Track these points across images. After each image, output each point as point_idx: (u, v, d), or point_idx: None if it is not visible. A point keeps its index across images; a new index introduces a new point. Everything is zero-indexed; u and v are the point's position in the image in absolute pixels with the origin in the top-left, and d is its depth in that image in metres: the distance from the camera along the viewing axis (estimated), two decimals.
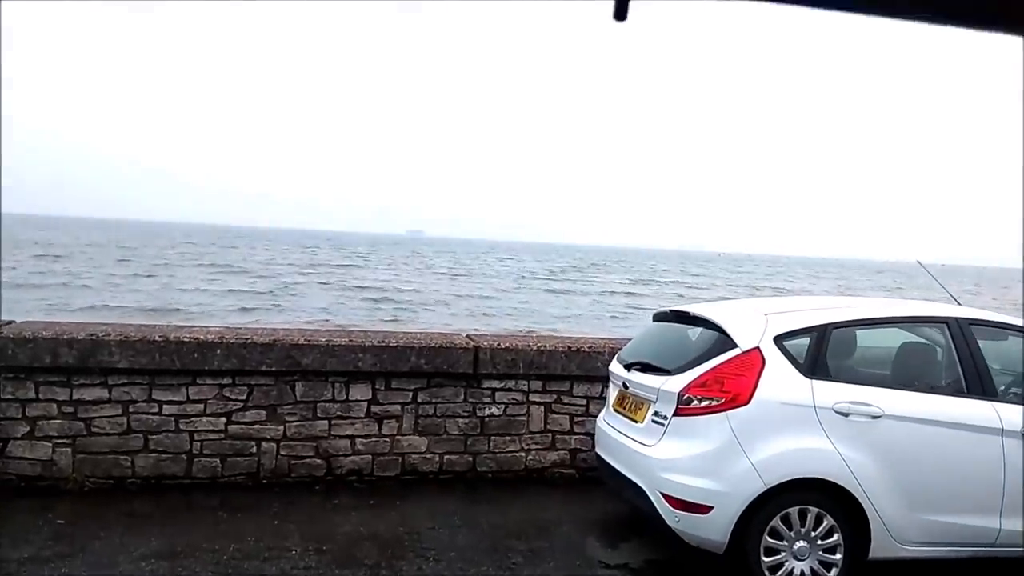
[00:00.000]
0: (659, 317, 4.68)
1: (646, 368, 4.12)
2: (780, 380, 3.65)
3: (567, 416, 5.62)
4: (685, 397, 3.71)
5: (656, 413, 3.86)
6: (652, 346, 4.46)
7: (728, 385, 3.64)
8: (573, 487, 5.49)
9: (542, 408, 5.58)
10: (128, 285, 27.76)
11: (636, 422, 4.04)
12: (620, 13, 0.63)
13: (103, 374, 4.88)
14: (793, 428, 3.60)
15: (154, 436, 4.97)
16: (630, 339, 5.96)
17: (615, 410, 4.37)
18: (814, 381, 3.67)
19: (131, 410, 4.94)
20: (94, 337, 4.84)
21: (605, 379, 5.56)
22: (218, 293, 27.12)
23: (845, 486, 3.58)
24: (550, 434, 5.60)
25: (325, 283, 33.86)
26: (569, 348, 5.55)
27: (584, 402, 5.63)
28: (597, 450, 4.56)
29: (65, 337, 4.79)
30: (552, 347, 5.53)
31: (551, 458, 5.60)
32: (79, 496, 4.79)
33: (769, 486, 3.53)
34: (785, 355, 3.71)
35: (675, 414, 3.74)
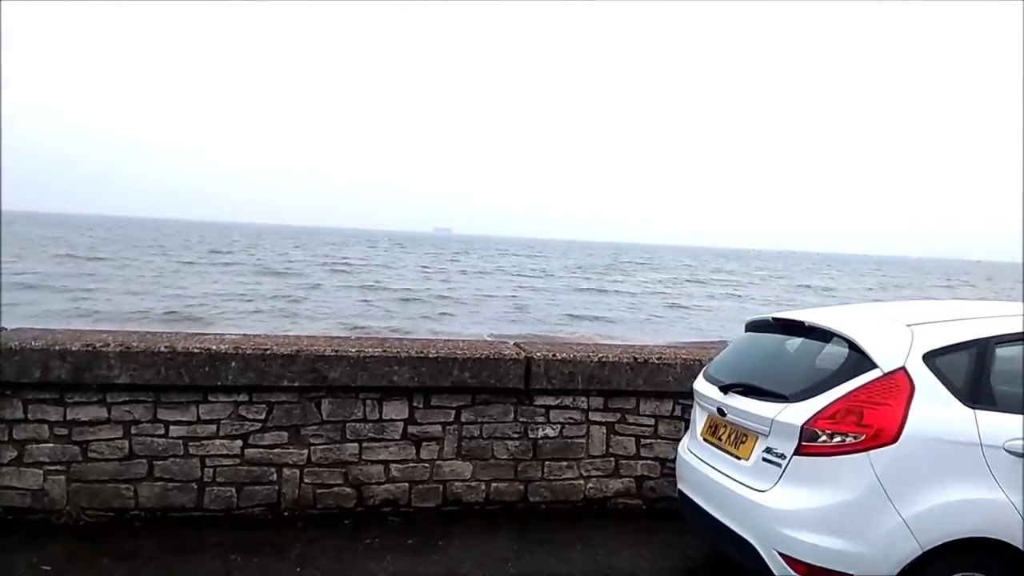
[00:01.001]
0: (755, 326, 3.88)
1: (750, 391, 3.34)
2: (935, 410, 2.85)
3: (632, 438, 4.85)
4: (810, 431, 2.92)
5: (769, 450, 3.08)
6: (752, 362, 3.68)
7: (868, 417, 2.85)
8: (640, 521, 4.72)
9: (603, 429, 4.82)
10: (151, 286, 27.22)
11: (739, 458, 3.25)
12: None
13: (101, 391, 4.23)
14: (954, 473, 2.80)
15: (160, 462, 4.31)
16: (703, 346, 5.17)
17: (705, 440, 3.59)
18: (977, 411, 2.87)
19: (133, 432, 4.28)
20: (91, 348, 4.18)
21: (676, 396, 4.81)
22: (243, 296, 26.41)
23: (1023, 549, 2.77)
24: (613, 459, 4.84)
25: (347, 284, 32.94)
26: (635, 359, 4.77)
27: (652, 422, 4.86)
28: (680, 486, 3.79)
29: (57, 348, 4.15)
30: (615, 358, 4.77)
31: (614, 487, 4.84)
32: (73, 532, 4.14)
33: (926, 548, 2.74)
34: (939, 377, 2.91)
35: (796, 452, 2.95)
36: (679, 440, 4.83)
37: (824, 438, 2.90)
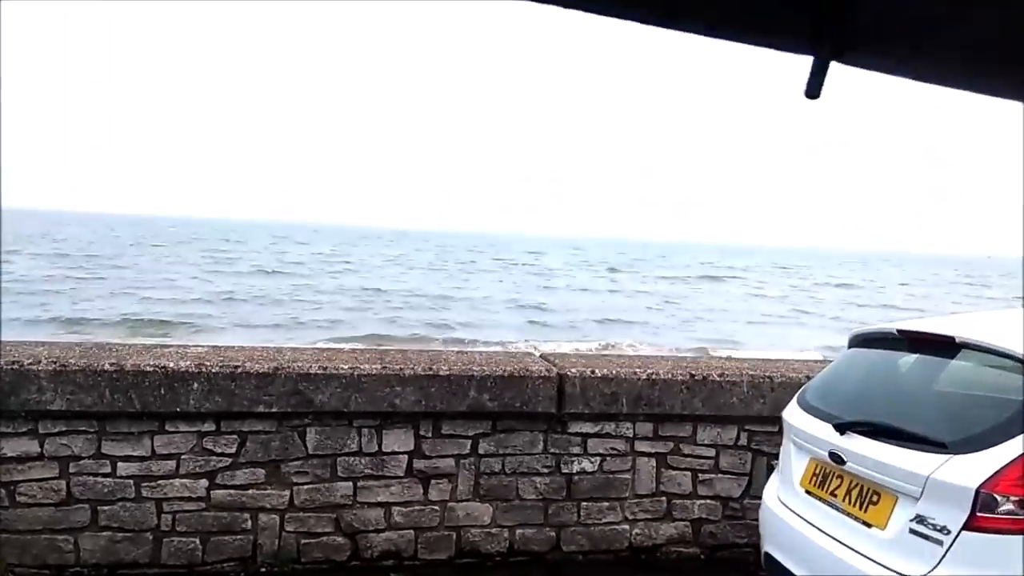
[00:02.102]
0: (867, 340, 2.98)
1: (880, 432, 2.45)
2: None
3: (688, 473, 3.98)
4: (988, 497, 2.05)
5: (921, 519, 2.20)
6: (873, 391, 2.79)
7: None
8: (698, 574, 3.86)
9: (653, 461, 3.95)
10: (137, 288, 25.68)
11: (868, 525, 2.38)
12: (813, 91, 0.61)
13: (32, 419, 3.39)
14: None
15: (106, 507, 3.47)
16: (776, 362, 4.29)
17: (809, 492, 2.71)
18: None
19: (72, 470, 3.44)
20: (17, 366, 3.33)
21: (741, 421, 3.95)
22: (233, 297, 24.78)
23: None
24: (664, 498, 3.97)
25: (347, 286, 30.84)
26: (691, 376, 3.90)
27: (712, 453, 3.99)
28: (768, 549, 2.92)
29: None
30: (667, 374, 3.89)
31: (666, 532, 3.97)
32: None
33: None
34: None
35: (968, 526, 2.07)
36: (744, 475, 3.98)
37: (1010, 507, 2.02)
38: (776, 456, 3.97)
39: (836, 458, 2.55)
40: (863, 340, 2.98)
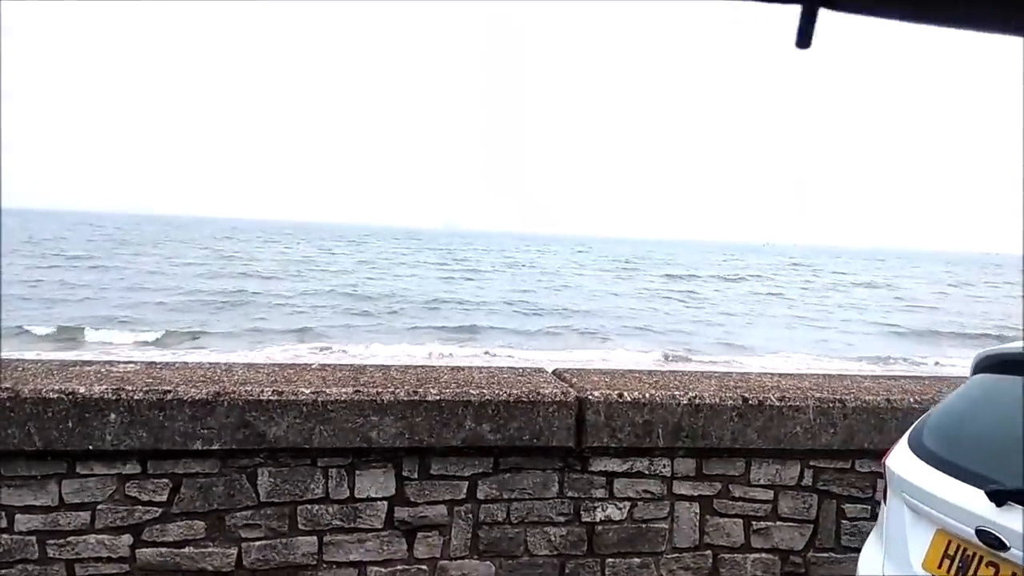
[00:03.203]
0: (1005, 364, 2.18)
1: None
2: None
3: (739, 520, 3.20)
4: None
5: None
6: None
7: None
8: None
9: (696, 506, 3.17)
10: (119, 293, 24.49)
11: None
12: (803, 40, 0.62)
13: None
14: None
15: (2, 571, 2.72)
16: (844, 380, 3.50)
17: None
18: None
19: None
20: None
21: (805, 456, 3.20)
22: (218, 302, 23.55)
23: None
24: (709, 552, 3.19)
25: (340, 288, 28.98)
26: (744, 400, 3.12)
27: (769, 496, 3.20)
28: None
29: None
30: (712, 398, 3.11)
31: None
32: None
33: None
34: None
35: None
36: (808, 523, 3.20)
37: None
38: (848, 499, 3.22)
39: (989, 539, 1.76)
40: (998, 363, 2.18)
